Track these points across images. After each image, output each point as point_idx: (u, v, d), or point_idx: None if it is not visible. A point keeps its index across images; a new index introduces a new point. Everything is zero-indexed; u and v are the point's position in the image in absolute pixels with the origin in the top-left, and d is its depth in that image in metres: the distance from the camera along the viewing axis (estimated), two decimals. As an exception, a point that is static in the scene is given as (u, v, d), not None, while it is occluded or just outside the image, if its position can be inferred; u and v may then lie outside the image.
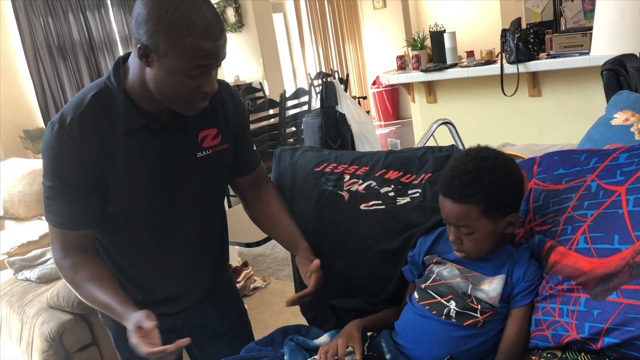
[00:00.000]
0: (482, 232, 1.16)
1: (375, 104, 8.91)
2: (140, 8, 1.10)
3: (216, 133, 1.36)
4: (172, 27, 1.08)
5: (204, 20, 1.09)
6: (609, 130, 1.37)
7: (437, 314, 1.20)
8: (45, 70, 5.52)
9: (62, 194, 1.24)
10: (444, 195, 1.17)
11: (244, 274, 3.51)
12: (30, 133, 5.17)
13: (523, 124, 3.93)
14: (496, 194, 1.14)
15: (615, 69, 1.98)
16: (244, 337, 1.59)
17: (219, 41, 1.12)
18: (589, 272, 1.05)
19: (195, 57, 1.11)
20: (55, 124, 1.20)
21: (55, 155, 1.21)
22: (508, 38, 3.60)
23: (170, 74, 1.13)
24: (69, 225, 1.27)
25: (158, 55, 1.11)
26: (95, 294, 1.25)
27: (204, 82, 1.16)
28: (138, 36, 1.11)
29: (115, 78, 1.23)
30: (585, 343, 1.04)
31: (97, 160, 1.21)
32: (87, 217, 1.27)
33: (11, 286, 2.85)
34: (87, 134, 1.19)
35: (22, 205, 3.63)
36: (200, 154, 1.34)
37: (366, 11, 8.90)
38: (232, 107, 1.40)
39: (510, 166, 1.18)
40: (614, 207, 1.07)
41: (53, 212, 1.27)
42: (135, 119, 1.23)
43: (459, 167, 1.16)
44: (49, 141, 1.20)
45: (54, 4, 5.60)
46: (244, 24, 7.21)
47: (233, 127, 1.41)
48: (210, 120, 1.35)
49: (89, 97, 1.21)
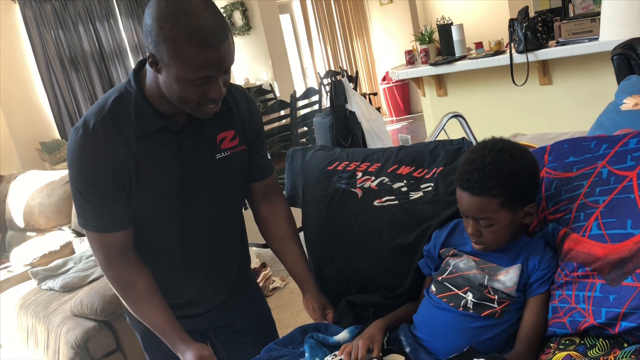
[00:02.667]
0: (501, 224, 1.16)
1: (386, 99, 8.89)
2: (147, 18, 1.12)
3: (234, 135, 1.38)
4: (172, 39, 1.09)
5: (202, 30, 1.09)
6: (619, 116, 1.37)
7: (454, 305, 1.21)
8: (58, 82, 5.59)
9: (93, 196, 1.25)
10: (463, 188, 1.17)
11: (262, 274, 3.53)
12: (47, 145, 5.25)
13: (535, 113, 3.91)
14: (515, 185, 1.14)
15: (625, 53, 1.96)
16: (269, 336, 1.60)
17: (219, 50, 1.12)
18: (603, 257, 1.06)
19: (197, 68, 1.12)
20: (79, 129, 1.22)
21: (82, 160, 1.23)
22: (516, 27, 3.58)
23: (176, 82, 1.15)
24: (106, 228, 1.28)
25: (163, 64, 1.14)
26: (148, 313, 1.32)
27: (209, 89, 1.17)
28: (147, 44, 1.14)
29: (135, 82, 1.25)
30: (603, 328, 1.04)
31: (122, 162, 1.23)
32: (122, 218, 1.29)
33: (36, 296, 2.90)
34: (111, 137, 1.22)
35: (42, 217, 3.68)
36: (220, 155, 1.36)
37: (373, 7, 8.89)
38: (247, 111, 1.42)
39: (527, 156, 1.18)
40: (625, 192, 1.08)
41: (88, 216, 1.28)
42: (154, 121, 1.25)
43: (477, 160, 1.15)
44: (75, 146, 1.22)
45: (64, 15, 5.68)
46: (251, 26, 7.24)
47: (249, 130, 1.42)
48: (228, 122, 1.37)
49: (110, 102, 1.24)
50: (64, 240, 3.39)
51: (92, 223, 1.28)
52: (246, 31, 7.26)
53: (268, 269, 3.61)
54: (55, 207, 3.64)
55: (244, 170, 1.45)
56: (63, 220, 3.66)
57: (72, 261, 3.13)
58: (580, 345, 1.07)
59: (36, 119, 5.48)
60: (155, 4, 1.11)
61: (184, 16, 1.08)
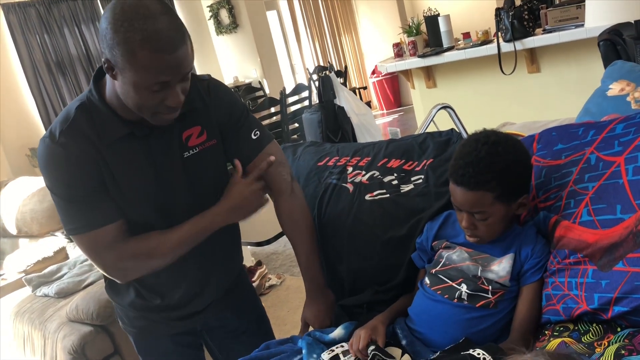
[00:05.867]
0: (496, 217, 1.16)
1: (376, 93, 8.89)
2: (103, 22, 1.10)
3: (200, 130, 1.34)
4: (126, 42, 1.06)
5: (157, 34, 1.06)
6: (606, 102, 1.37)
7: (449, 297, 1.21)
8: (45, 87, 5.56)
9: (75, 197, 1.22)
10: (457, 183, 1.16)
11: (258, 272, 3.53)
12: (36, 151, 5.22)
13: (524, 101, 3.91)
14: (509, 178, 1.14)
15: (612, 39, 1.96)
16: (264, 334, 1.60)
17: (176, 54, 1.09)
18: (594, 243, 1.06)
19: (152, 72, 1.09)
20: (46, 138, 1.21)
21: (54, 167, 1.21)
22: (503, 16, 3.58)
23: (132, 87, 1.12)
24: (97, 222, 1.24)
25: (119, 69, 1.11)
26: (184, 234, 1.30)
27: (166, 96, 1.14)
28: (102, 49, 1.11)
29: (96, 90, 1.23)
30: (596, 314, 1.05)
31: (93, 165, 1.22)
32: (110, 209, 1.25)
33: (31, 303, 2.89)
34: (79, 144, 1.20)
35: (34, 223, 3.66)
36: (187, 153, 1.33)
37: (360, 1, 8.88)
38: (209, 101, 1.35)
39: (520, 148, 1.18)
40: (614, 178, 1.08)
41: (75, 219, 1.24)
42: (120, 128, 1.23)
43: (471, 154, 1.14)
44: (45, 155, 1.21)
45: (49, 19, 5.64)
46: (238, 24, 7.21)
47: (215, 119, 1.37)
48: (192, 119, 1.33)
49: (73, 110, 1.23)
50: (58, 246, 3.37)
51: (81, 224, 1.24)
52: (233, 29, 7.23)
53: (264, 267, 3.61)
54: (48, 213, 3.62)
55: (218, 166, 1.40)
56: (56, 225, 3.63)
57: (67, 267, 3.11)
58: (575, 332, 1.07)
59: (25, 124, 5.45)
60: (112, 7, 1.08)
61: (139, 19, 1.06)
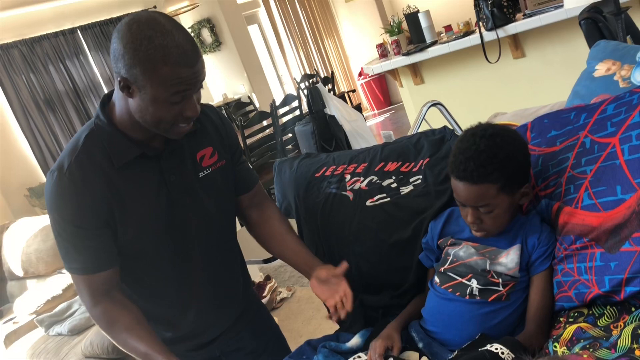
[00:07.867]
0: (501, 208, 1.17)
1: (366, 94, 8.91)
2: (116, 43, 1.12)
3: (212, 151, 1.37)
4: (148, 59, 1.09)
5: (178, 49, 1.10)
6: (593, 83, 1.38)
7: (460, 294, 1.21)
8: (37, 125, 5.57)
9: (76, 238, 1.24)
10: (460, 178, 1.16)
11: (268, 287, 3.53)
12: (35, 190, 5.22)
13: (512, 87, 3.93)
14: (511, 168, 1.15)
15: (592, 16, 1.97)
16: (282, 352, 1.59)
17: (195, 66, 1.14)
18: (598, 226, 1.06)
19: (173, 85, 1.12)
20: (55, 171, 1.21)
21: (60, 202, 1.22)
22: (482, 5, 3.59)
23: (152, 103, 1.15)
24: (91, 269, 1.26)
25: (138, 86, 1.13)
26: (134, 345, 1.26)
27: (185, 107, 1.18)
28: (117, 70, 1.13)
29: (104, 115, 1.25)
30: (609, 296, 1.05)
31: (102, 198, 1.22)
32: (107, 256, 1.27)
33: (45, 344, 2.88)
34: (88, 175, 1.21)
35: (40, 263, 3.65)
36: (202, 173, 1.35)
37: (339, 5, 8.91)
38: (221, 125, 1.41)
39: (517, 137, 1.19)
40: (610, 159, 1.08)
41: (72, 260, 1.27)
42: (131, 150, 1.24)
43: (470, 149, 1.15)
44: (52, 189, 1.21)
45: (32, 58, 5.65)
46: (221, 42, 7.24)
47: (227, 144, 1.42)
48: (205, 140, 1.36)
49: (82, 139, 1.24)
50: (66, 284, 3.36)
51: (77, 266, 1.27)
52: (217, 47, 7.25)
53: (273, 281, 3.61)
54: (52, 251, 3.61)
55: (229, 185, 1.44)
56: (62, 263, 3.63)
57: (77, 303, 3.10)
58: (589, 316, 1.07)
59: (20, 165, 5.45)
60: (126, 28, 1.11)
61: (158, 37, 1.09)
